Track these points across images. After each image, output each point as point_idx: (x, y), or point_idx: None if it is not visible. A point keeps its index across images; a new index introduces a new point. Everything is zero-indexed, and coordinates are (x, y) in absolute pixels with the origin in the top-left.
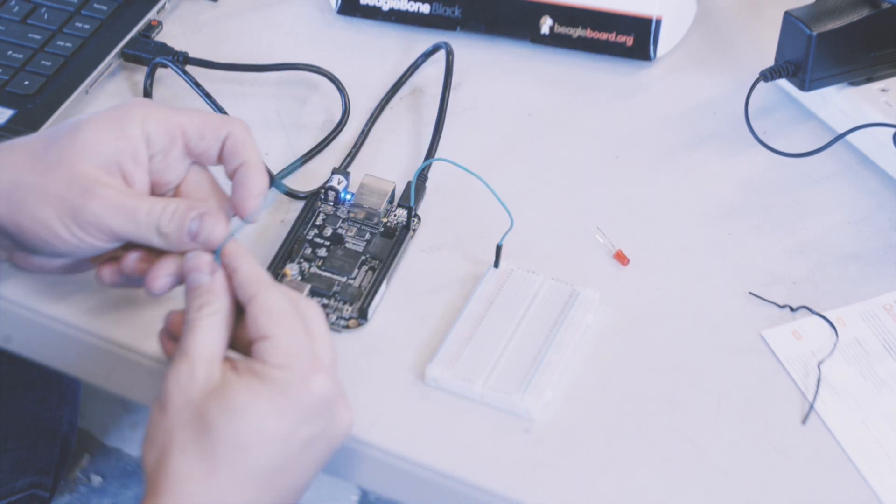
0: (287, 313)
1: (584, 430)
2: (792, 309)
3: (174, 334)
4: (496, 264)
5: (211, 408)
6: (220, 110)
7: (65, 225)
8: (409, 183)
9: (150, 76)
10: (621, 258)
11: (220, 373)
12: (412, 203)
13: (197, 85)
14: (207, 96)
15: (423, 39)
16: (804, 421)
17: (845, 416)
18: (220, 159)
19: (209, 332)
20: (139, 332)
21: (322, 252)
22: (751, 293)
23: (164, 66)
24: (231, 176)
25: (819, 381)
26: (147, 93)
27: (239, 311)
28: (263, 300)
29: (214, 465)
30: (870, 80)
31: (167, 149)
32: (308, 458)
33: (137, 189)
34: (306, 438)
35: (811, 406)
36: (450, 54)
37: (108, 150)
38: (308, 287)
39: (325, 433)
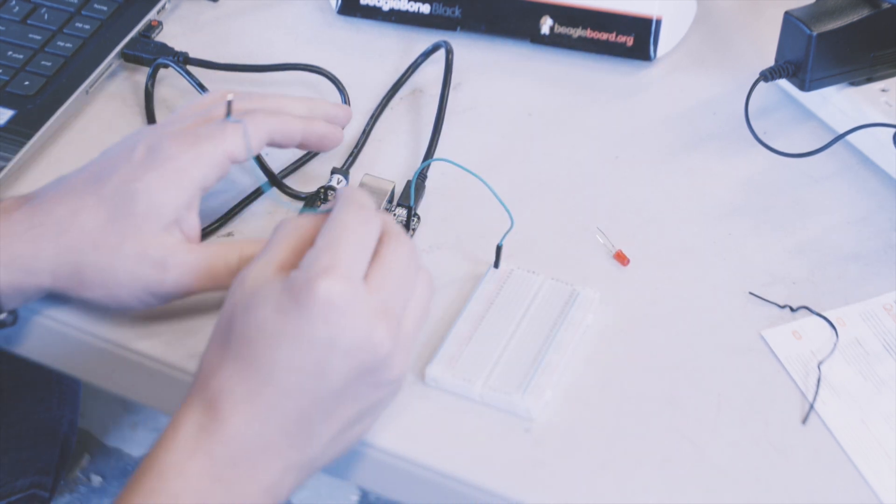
0: (340, 226)
1: (584, 430)
2: (792, 309)
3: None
4: (496, 264)
5: (236, 302)
6: None
7: (140, 299)
8: (408, 182)
9: (152, 77)
10: (621, 258)
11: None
12: (412, 203)
13: (200, 86)
14: None
15: (423, 39)
16: (804, 421)
17: (845, 416)
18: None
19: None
20: (139, 332)
21: None
22: (751, 293)
23: (166, 66)
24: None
25: (819, 381)
26: (149, 93)
27: None
28: (333, 213)
29: (226, 353)
30: (870, 80)
31: (221, 176)
32: (333, 381)
33: (193, 233)
34: (321, 346)
35: (811, 406)
36: (450, 53)
37: (166, 214)
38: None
39: (354, 357)
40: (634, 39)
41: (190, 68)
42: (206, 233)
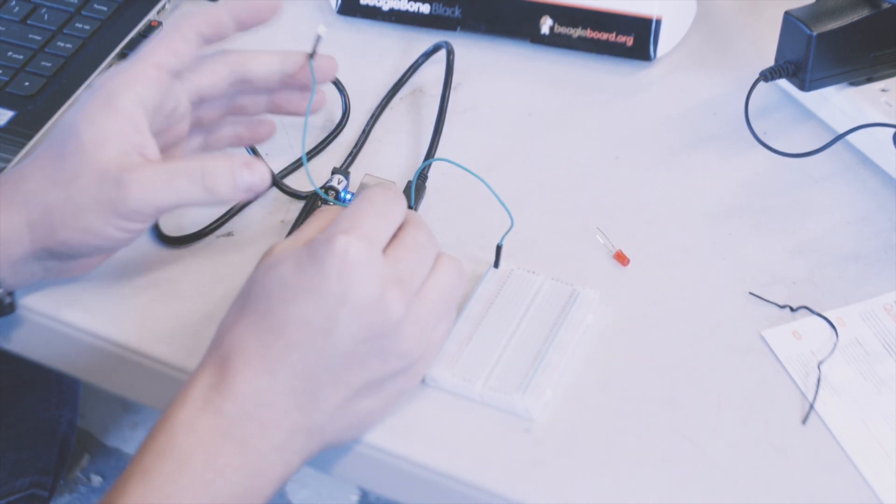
0: (366, 199)
1: (584, 430)
2: (792, 309)
3: None
4: (496, 264)
5: (259, 269)
6: None
7: (110, 223)
8: (409, 182)
9: None
10: (621, 258)
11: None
12: (412, 203)
13: None
14: None
15: (423, 39)
16: (804, 421)
17: (845, 416)
18: (237, 100)
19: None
20: (139, 332)
21: None
22: (751, 293)
23: None
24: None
25: (819, 381)
26: None
27: None
28: (361, 192)
29: (243, 312)
30: (870, 80)
31: (163, 104)
32: (342, 339)
33: (153, 155)
34: (333, 301)
35: (811, 406)
36: (450, 53)
37: (112, 137)
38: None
39: (364, 316)
40: (634, 39)
41: None
42: (207, 232)
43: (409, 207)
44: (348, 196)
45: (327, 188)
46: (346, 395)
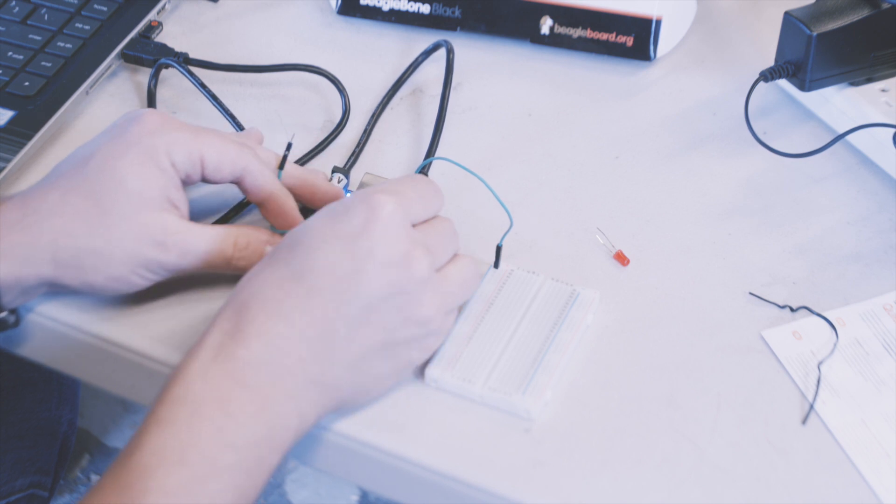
0: (407, 179)
1: (584, 430)
2: (792, 309)
3: None
4: (496, 264)
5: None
6: (226, 111)
7: (138, 274)
8: None
9: (155, 77)
10: (621, 258)
11: None
12: None
13: (202, 86)
14: (213, 97)
15: (423, 39)
16: (804, 421)
17: (845, 416)
18: (240, 187)
19: None
20: (139, 332)
21: None
22: (751, 293)
23: (168, 66)
24: (256, 202)
25: (819, 381)
26: (152, 94)
27: None
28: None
29: (267, 262)
30: (870, 80)
31: (190, 175)
32: (364, 291)
33: (184, 211)
34: (360, 253)
35: (811, 406)
36: (450, 52)
37: (154, 192)
38: None
39: (389, 272)
40: (634, 39)
41: (190, 69)
42: None
43: None
44: (348, 195)
45: None
46: (360, 352)
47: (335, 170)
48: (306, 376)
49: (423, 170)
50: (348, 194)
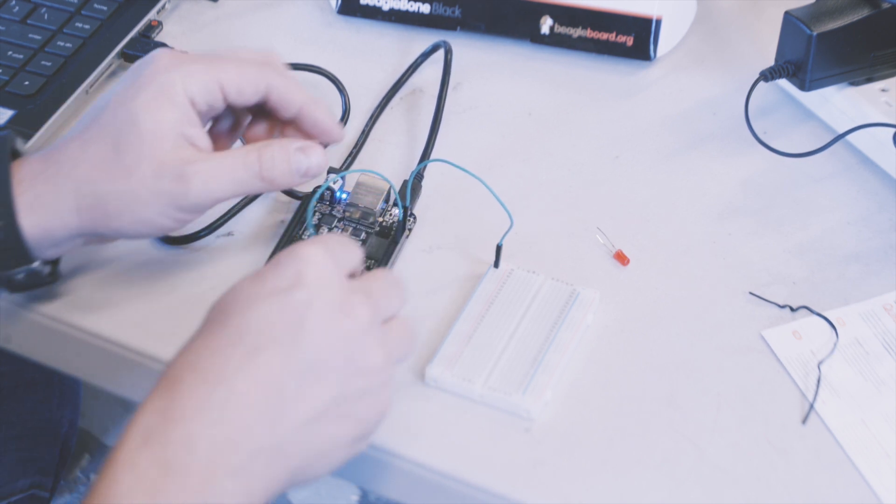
0: (330, 235)
1: (584, 430)
2: (792, 309)
3: None
4: (496, 264)
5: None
6: None
7: (166, 215)
8: (404, 182)
9: None
10: (621, 258)
11: None
12: (407, 202)
13: None
14: None
15: (423, 39)
16: (804, 421)
17: (845, 416)
18: (267, 108)
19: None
20: (139, 332)
21: None
22: (751, 293)
23: None
24: (290, 119)
25: (819, 381)
26: None
27: None
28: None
29: (199, 332)
30: (870, 80)
31: (211, 104)
32: (309, 345)
33: (205, 145)
34: (298, 305)
35: (811, 406)
36: (448, 53)
37: (170, 129)
38: None
39: (332, 320)
40: (634, 39)
41: None
42: (206, 232)
43: (405, 207)
44: (344, 196)
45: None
46: (311, 411)
47: (330, 170)
48: (252, 445)
49: (421, 171)
50: (345, 196)
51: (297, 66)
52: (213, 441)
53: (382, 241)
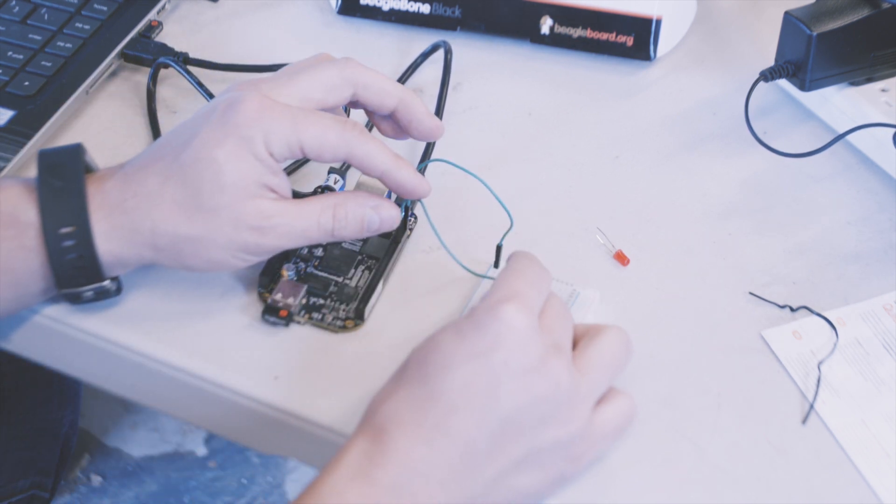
0: (518, 266)
1: None
2: (792, 309)
3: None
4: (496, 264)
5: (417, 347)
6: None
7: (240, 259)
8: None
9: (154, 76)
10: (621, 258)
11: None
12: (408, 202)
13: (200, 85)
14: (212, 97)
15: (423, 39)
16: (804, 421)
17: (845, 416)
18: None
19: None
20: (140, 332)
21: (319, 252)
22: (751, 293)
23: (167, 66)
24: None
25: (819, 381)
26: (151, 93)
27: None
28: (509, 262)
29: (399, 382)
30: (870, 80)
31: (293, 157)
32: (504, 404)
33: (285, 192)
34: (496, 367)
35: (811, 406)
36: (448, 53)
37: (252, 181)
38: (304, 288)
39: (528, 381)
40: (634, 39)
41: (190, 68)
42: None
43: (406, 207)
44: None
45: (324, 188)
46: (504, 467)
47: (331, 170)
48: (446, 499)
49: (421, 171)
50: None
51: None
52: (413, 492)
53: (383, 241)
